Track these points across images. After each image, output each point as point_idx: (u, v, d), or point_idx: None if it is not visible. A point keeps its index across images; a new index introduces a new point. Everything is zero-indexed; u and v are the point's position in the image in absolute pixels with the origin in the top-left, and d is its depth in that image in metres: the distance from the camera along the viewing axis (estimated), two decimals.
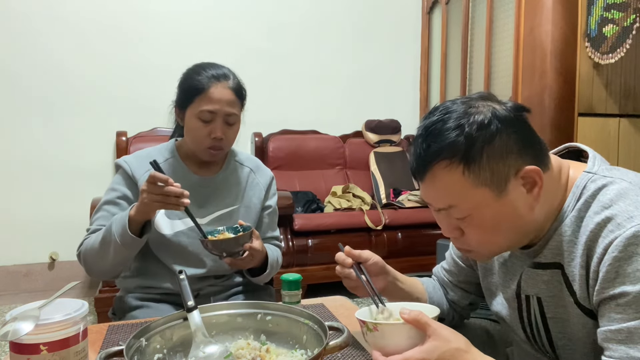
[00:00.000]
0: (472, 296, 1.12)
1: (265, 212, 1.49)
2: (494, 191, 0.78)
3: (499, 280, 0.98)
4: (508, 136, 0.78)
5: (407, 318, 0.77)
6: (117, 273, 1.35)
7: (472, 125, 0.77)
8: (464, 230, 0.83)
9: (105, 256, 1.25)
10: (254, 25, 3.66)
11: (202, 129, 1.32)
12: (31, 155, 3.21)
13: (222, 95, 1.32)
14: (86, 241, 1.31)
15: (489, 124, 0.77)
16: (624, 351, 0.70)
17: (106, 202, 1.34)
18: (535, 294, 0.89)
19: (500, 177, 0.78)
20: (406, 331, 0.77)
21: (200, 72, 1.34)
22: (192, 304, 0.90)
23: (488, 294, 1.03)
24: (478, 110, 0.78)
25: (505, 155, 0.77)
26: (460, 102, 0.81)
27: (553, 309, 0.87)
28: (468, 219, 0.81)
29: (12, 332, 0.70)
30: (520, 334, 0.95)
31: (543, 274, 0.86)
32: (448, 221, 0.84)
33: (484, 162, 0.77)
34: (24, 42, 3.18)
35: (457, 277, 1.11)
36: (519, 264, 0.92)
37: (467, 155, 0.76)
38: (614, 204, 0.76)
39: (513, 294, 0.93)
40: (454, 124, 0.77)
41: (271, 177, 1.51)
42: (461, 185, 0.78)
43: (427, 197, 0.84)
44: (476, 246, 0.85)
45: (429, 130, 0.80)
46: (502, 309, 0.98)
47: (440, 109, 0.81)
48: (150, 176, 1.15)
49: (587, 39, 2.54)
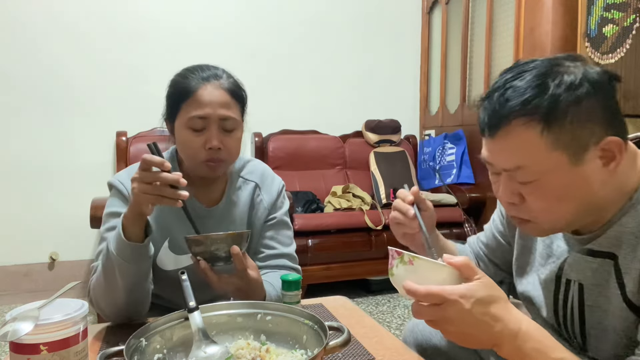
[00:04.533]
0: (504, 274, 1.08)
1: (267, 224, 1.29)
2: (570, 157, 0.73)
3: (539, 260, 0.94)
4: (597, 101, 0.73)
5: (454, 262, 0.72)
6: (138, 309, 1.11)
7: (560, 84, 0.72)
8: (526, 197, 0.77)
9: (114, 285, 1.05)
10: (254, 25, 3.66)
11: (195, 139, 1.13)
12: (31, 155, 3.21)
13: (212, 97, 1.13)
14: (92, 282, 1.12)
15: (579, 85, 0.72)
16: None
17: (107, 229, 1.15)
18: (578, 280, 0.85)
19: (580, 143, 0.73)
20: (444, 274, 0.72)
21: (187, 76, 1.17)
22: (193, 304, 0.89)
23: (519, 272, 0.99)
24: (568, 70, 0.73)
25: (590, 120, 0.72)
26: (546, 60, 0.76)
27: (594, 298, 0.83)
28: (534, 184, 0.76)
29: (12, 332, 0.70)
30: (550, 317, 0.92)
31: (593, 261, 0.83)
32: (509, 185, 0.78)
33: (567, 124, 0.72)
34: (23, 42, 3.18)
35: (493, 251, 1.09)
36: (565, 248, 0.88)
37: (549, 114, 0.71)
38: None
39: (553, 276, 0.90)
40: (537, 81, 0.73)
41: (277, 192, 1.32)
42: (537, 145, 0.73)
43: (493, 156, 0.79)
44: (537, 216, 0.79)
45: (509, 84, 0.74)
46: (533, 289, 0.94)
47: (521, 65, 0.77)
48: (142, 160, 0.96)
49: (587, 39, 2.54)
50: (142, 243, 1.03)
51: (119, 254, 1.02)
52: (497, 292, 0.72)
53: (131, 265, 1.03)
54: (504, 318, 0.71)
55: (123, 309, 1.09)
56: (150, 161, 0.96)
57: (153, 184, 0.97)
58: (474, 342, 0.72)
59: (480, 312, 0.69)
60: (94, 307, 1.12)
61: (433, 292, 0.69)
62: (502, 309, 0.71)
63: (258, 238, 1.29)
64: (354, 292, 3.29)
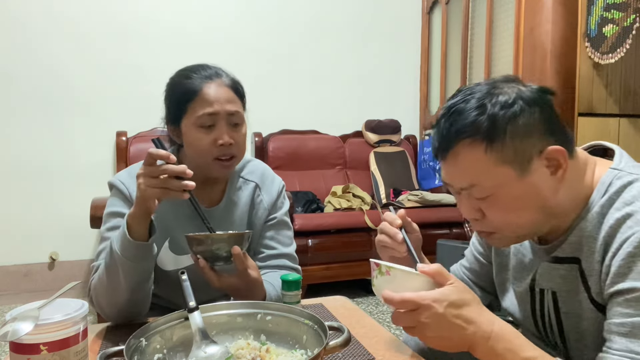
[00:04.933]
0: (491, 297, 1.10)
1: (268, 224, 1.29)
2: (517, 170, 0.78)
3: (513, 274, 0.97)
4: (532, 115, 0.78)
5: (427, 270, 0.76)
6: (139, 309, 1.11)
7: (496, 104, 0.77)
8: (485, 212, 0.82)
9: (117, 285, 1.05)
10: (254, 25, 3.66)
11: (205, 137, 1.15)
12: (31, 155, 3.21)
13: (219, 94, 1.16)
14: (93, 282, 1.11)
15: (512, 103, 0.77)
16: (625, 344, 0.71)
17: (108, 229, 1.15)
18: (551, 288, 0.89)
19: (523, 155, 0.78)
20: (419, 282, 0.76)
21: (188, 75, 1.18)
22: (193, 304, 0.89)
23: (501, 289, 1.02)
24: (502, 91, 0.79)
25: (529, 134, 0.77)
26: (484, 84, 0.82)
27: (568, 304, 0.87)
28: (490, 199, 0.80)
29: (11, 332, 0.70)
30: (532, 328, 0.95)
31: (560, 268, 0.86)
32: (469, 202, 0.83)
33: (507, 140, 0.77)
34: (23, 42, 3.18)
35: (477, 274, 1.10)
36: (536, 260, 0.92)
37: (490, 133, 0.77)
38: (636, 201, 0.76)
39: (527, 288, 0.93)
40: (476, 104, 0.78)
41: (278, 192, 1.33)
42: (484, 163, 0.78)
43: (448, 177, 0.84)
44: (500, 227, 0.83)
45: (452, 110, 0.80)
46: (513, 305, 0.97)
47: (464, 90, 0.82)
48: (148, 155, 0.96)
49: (587, 39, 2.54)
50: (147, 242, 1.03)
51: (123, 253, 1.01)
52: (469, 296, 0.76)
53: (135, 264, 1.02)
54: (476, 320, 0.74)
55: (124, 308, 1.08)
56: (156, 154, 0.96)
57: (159, 177, 0.97)
58: (450, 345, 0.75)
59: (453, 315, 0.73)
60: (94, 307, 1.11)
61: (407, 298, 0.74)
62: (474, 311, 0.75)
63: (258, 238, 1.29)
64: (354, 292, 3.29)
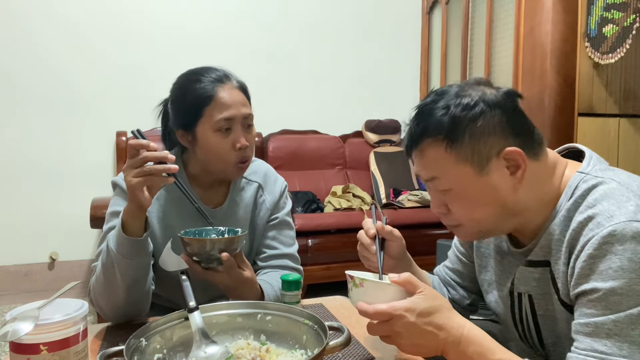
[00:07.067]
0: (473, 296, 1.13)
1: (270, 224, 1.29)
2: (475, 168, 0.82)
3: (495, 277, 0.99)
4: (492, 118, 0.81)
5: (397, 280, 0.79)
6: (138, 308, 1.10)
7: (458, 106, 0.82)
8: (449, 207, 0.87)
9: (114, 283, 1.04)
10: (254, 25, 3.66)
11: (224, 142, 1.15)
12: (31, 155, 3.21)
13: (234, 97, 1.16)
14: (92, 282, 1.11)
15: (474, 105, 0.81)
16: (589, 344, 0.73)
17: (109, 229, 1.13)
18: (527, 292, 0.91)
19: (481, 155, 0.82)
20: (391, 292, 0.79)
21: (199, 79, 1.16)
22: (193, 304, 0.89)
23: (484, 289, 1.05)
24: (467, 94, 0.83)
25: (487, 135, 0.81)
26: (455, 86, 0.86)
27: (543, 307, 0.89)
28: (451, 193, 0.85)
29: (11, 332, 0.70)
30: (512, 330, 0.97)
31: (534, 271, 0.89)
32: (435, 196, 0.88)
33: (467, 140, 0.81)
34: (23, 42, 3.17)
35: (460, 274, 1.13)
36: (514, 263, 0.94)
37: (450, 133, 0.82)
38: (598, 204, 0.78)
39: (507, 292, 0.95)
40: (442, 104, 0.83)
41: (280, 192, 1.33)
42: (445, 160, 0.83)
43: (417, 170, 0.90)
44: (462, 221, 0.88)
45: (421, 110, 0.87)
46: (496, 306, 1.00)
47: (435, 91, 0.87)
48: (129, 147, 0.96)
49: (587, 39, 2.54)
50: (141, 237, 1.02)
51: (118, 250, 1.01)
52: (438, 302, 0.78)
53: (130, 261, 1.02)
54: (446, 326, 0.77)
55: (123, 308, 1.08)
56: (137, 144, 0.96)
57: (143, 167, 0.96)
58: (425, 351, 0.79)
59: (424, 323, 0.76)
60: (94, 307, 1.11)
61: (380, 310, 0.76)
62: (444, 317, 0.78)
63: (260, 238, 1.29)
64: None
